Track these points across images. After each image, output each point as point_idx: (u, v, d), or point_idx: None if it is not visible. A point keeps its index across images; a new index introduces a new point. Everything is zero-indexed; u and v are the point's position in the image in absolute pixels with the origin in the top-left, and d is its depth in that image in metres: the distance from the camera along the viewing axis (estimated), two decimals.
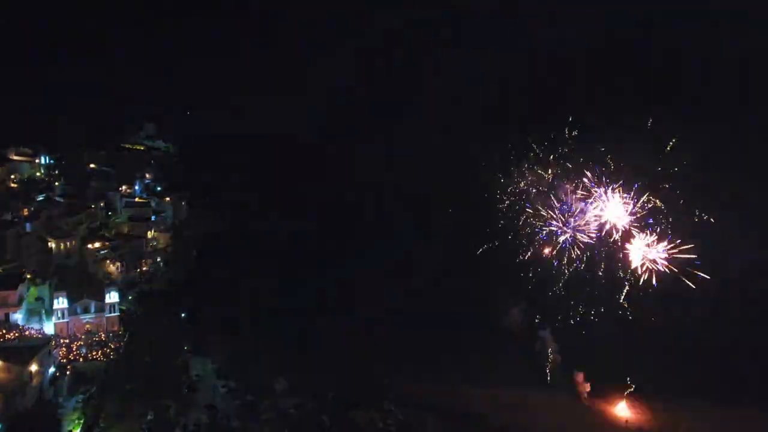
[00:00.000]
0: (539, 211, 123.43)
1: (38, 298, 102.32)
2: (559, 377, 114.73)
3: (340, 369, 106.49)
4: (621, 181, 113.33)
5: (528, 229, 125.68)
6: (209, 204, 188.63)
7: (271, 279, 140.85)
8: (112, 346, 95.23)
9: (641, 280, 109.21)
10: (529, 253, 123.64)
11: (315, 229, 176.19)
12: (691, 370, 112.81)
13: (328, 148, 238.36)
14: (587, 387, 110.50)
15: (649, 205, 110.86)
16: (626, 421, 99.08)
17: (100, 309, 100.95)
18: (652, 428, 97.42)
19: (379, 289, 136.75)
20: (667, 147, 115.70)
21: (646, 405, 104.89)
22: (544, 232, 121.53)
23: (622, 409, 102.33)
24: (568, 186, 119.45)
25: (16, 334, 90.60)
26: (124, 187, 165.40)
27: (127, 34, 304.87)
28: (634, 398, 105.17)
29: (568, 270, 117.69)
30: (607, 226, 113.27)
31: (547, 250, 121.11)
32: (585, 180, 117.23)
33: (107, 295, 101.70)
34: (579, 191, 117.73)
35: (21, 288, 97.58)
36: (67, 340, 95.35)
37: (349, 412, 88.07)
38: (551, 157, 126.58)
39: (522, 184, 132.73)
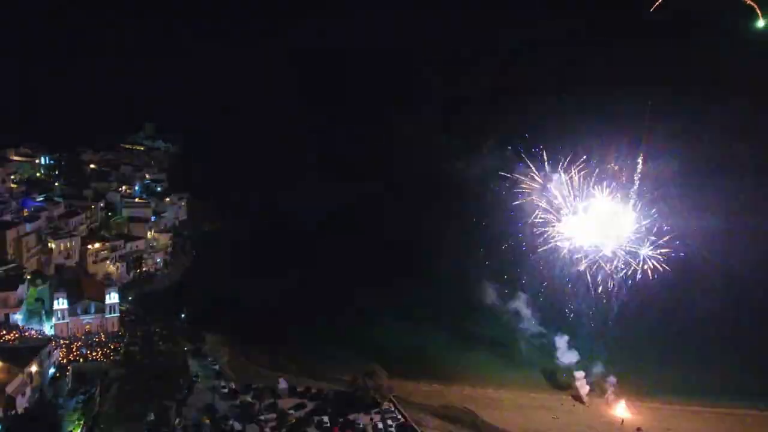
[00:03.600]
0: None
1: (38, 299, 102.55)
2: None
3: (340, 369, 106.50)
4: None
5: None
6: (209, 204, 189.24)
7: (270, 279, 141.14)
8: (112, 347, 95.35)
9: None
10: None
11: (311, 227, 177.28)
12: (688, 369, 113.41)
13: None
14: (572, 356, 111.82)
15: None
16: (622, 421, 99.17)
17: (100, 310, 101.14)
18: (649, 428, 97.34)
19: (372, 283, 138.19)
20: None
21: (642, 404, 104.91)
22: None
23: (619, 409, 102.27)
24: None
25: (16, 335, 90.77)
26: (124, 188, 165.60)
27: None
28: (631, 397, 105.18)
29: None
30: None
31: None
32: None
33: (107, 296, 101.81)
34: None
35: (21, 289, 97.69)
36: (66, 341, 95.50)
37: (349, 412, 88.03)
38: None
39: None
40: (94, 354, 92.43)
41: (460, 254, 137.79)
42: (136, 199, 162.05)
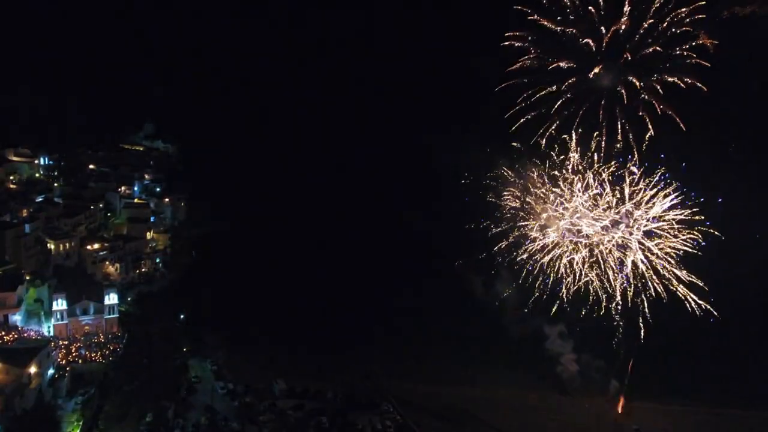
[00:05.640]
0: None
1: (37, 300, 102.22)
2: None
3: (339, 370, 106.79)
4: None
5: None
6: (208, 205, 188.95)
7: (269, 280, 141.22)
8: (111, 348, 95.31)
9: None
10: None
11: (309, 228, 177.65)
12: (686, 370, 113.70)
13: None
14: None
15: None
16: (615, 420, 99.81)
17: (99, 310, 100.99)
18: (646, 428, 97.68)
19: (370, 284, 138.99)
20: None
21: (639, 405, 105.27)
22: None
23: (616, 410, 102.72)
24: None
25: (15, 336, 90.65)
26: (123, 188, 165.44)
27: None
28: (628, 398, 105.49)
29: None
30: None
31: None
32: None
33: (106, 297, 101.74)
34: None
35: (20, 289, 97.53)
36: (66, 342, 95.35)
37: (347, 413, 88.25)
38: None
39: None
40: (93, 355, 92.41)
41: (448, 250, 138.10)
42: (136, 200, 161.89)
